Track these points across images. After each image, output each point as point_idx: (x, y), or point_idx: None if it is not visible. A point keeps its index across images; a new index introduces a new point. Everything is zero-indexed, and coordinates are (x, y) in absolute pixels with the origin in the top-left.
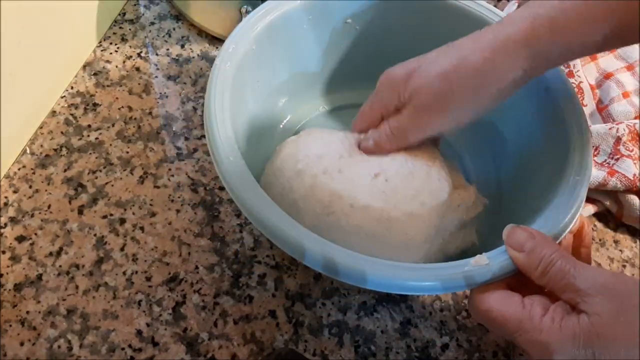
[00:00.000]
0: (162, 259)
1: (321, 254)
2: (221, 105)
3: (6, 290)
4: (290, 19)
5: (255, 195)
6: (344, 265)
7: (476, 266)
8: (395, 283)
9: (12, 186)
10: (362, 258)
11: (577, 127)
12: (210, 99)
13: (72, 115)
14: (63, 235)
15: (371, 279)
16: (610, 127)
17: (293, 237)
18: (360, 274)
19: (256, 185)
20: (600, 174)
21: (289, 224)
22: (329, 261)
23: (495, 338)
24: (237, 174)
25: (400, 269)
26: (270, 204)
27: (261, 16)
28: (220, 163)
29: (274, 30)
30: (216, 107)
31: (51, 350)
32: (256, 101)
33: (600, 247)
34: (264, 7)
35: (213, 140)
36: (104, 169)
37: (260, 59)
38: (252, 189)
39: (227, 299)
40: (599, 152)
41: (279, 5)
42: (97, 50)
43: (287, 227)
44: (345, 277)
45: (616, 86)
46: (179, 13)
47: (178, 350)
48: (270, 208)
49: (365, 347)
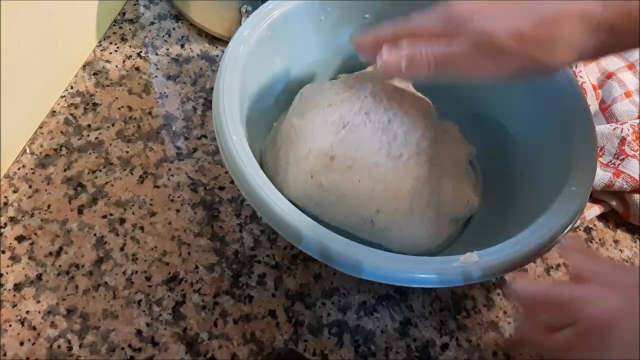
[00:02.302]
0: (162, 259)
1: (318, 240)
2: (230, 88)
3: (6, 290)
4: (306, 10)
5: (256, 178)
6: (339, 252)
7: (465, 263)
8: (392, 274)
9: (12, 186)
10: (359, 247)
11: (583, 134)
12: (221, 79)
13: (72, 115)
14: (63, 235)
15: (366, 269)
16: (615, 128)
17: (292, 222)
18: (356, 263)
19: (258, 168)
20: (606, 175)
21: (288, 210)
22: (324, 248)
23: (495, 338)
24: (240, 155)
25: (396, 260)
26: (271, 188)
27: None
28: (224, 142)
29: (289, 19)
30: (225, 89)
31: (51, 350)
32: (263, 96)
33: (600, 247)
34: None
35: (218, 120)
36: (103, 169)
37: (275, 45)
38: (254, 171)
39: (227, 298)
40: (604, 152)
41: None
42: (97, 50)
43: (287, 211)
44: (340, 265)
45: (618, 86)
46: (178, 13)
47: (178, 350)
48: (271, 192)
49: (365, 347)
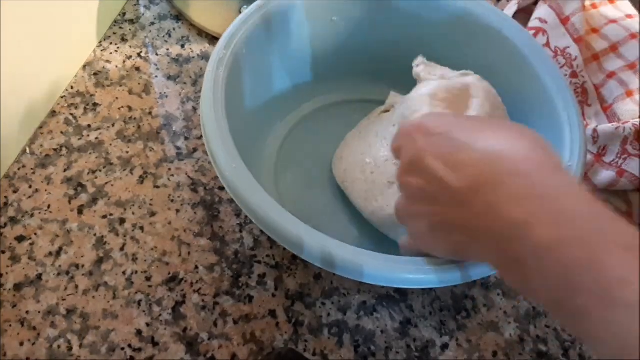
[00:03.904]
0: (162, 259)
1: (319, 248)
2: (216, 106)
3: (6, 290)
4: (280, 18)
5: (254, 193)
6: (342, 259)
7: None
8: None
9: (12, 186)
10: (360, 252)
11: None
12: (206, 101)
13: (72, 115)
14: (63, 235)
15: (368, 273)
16: (617, 127)
17: (292, 232)
18: (358, 268)
19: (255, 182)
20: (610, 175)
21: (288, 220)
22: (326, 255)
23: (495, 338)
24: (236, 172)
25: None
26: (269, 200)
27: (250, 16)
28: (219, 161)
29: (264, 30)
30: (211, 108)
31: (51, 350)
32: (252, 102)
33: None
34: (252, 9)
35: (211, 139)
36: (103, 169)
37: (252, 61)
38: (251, 186)
39: (227, 298)
40: (607, 152)
41: (267, 5)
42: (97, 50)
43: (286, 223)
44: (343, 270)
45: (619, 85)
46: (179, 13)
47: (178, 350)
48: (269, 205)
49: (365, 347)
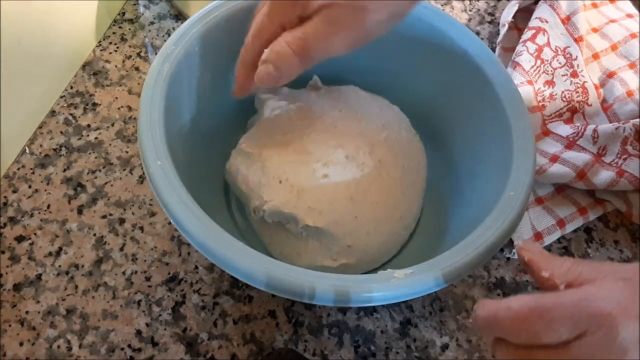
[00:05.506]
0: (162, 259)
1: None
2: (154, 119)
3: (5, 290)
4: (232, 22)
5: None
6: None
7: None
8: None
9: (12, 186)
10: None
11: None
12: (144, 109)
13: (72, 115)
14: (62, 235)
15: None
16: (617, 127)
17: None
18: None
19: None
20: (609, 175)
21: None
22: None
23: None
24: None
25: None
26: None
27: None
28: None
29: (217, 31)
30: (150, 122)
31: (51, 350)
32: (202, 107)
33: (600, 247)
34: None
35: (147, 168)
36: (103, 169)
37: (202, 61)
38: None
39: (227, 299)
40: (607, 151)
41: (222, 6)
42: (97, 49)
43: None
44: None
45: (620, 85)
46: (178, 13)
47: (178, 350)
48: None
49: (365, 347)
